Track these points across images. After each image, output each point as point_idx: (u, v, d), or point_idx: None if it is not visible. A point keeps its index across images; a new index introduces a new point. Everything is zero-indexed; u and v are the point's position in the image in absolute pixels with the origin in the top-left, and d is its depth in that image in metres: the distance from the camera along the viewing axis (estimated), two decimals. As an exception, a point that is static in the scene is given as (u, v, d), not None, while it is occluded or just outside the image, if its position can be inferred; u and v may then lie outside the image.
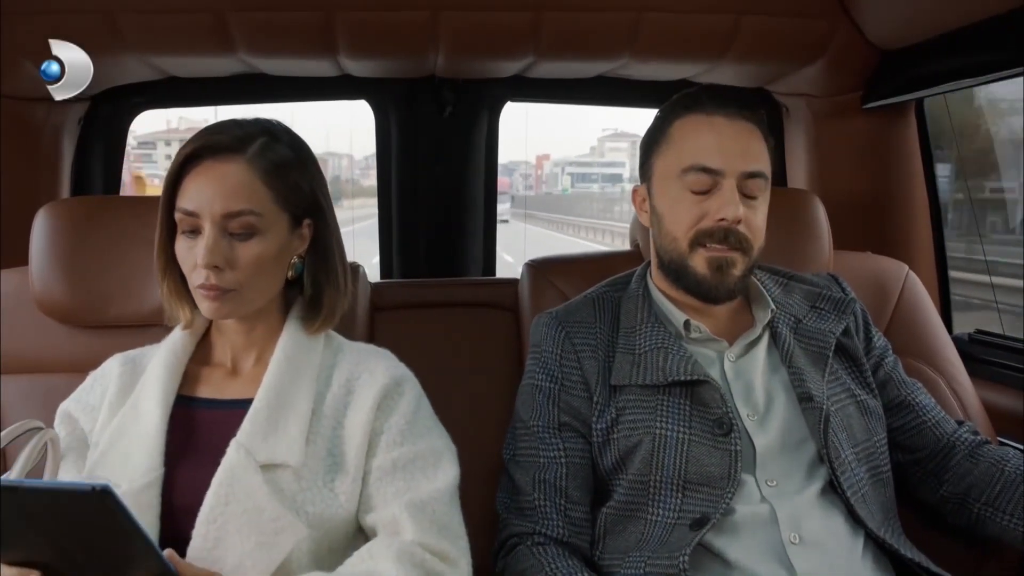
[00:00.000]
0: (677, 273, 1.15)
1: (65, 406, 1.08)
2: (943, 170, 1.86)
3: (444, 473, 1.02)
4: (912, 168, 1.77)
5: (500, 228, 2.02)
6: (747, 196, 1.10)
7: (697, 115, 1.12)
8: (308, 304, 1.08)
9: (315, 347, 1.07)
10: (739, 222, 1.09)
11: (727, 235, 1.09)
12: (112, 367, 1.10)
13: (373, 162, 2.04)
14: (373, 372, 1.05)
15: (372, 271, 1.62)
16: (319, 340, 1.08)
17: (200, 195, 0.99)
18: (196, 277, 1.00)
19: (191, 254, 1.00)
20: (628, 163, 36.11)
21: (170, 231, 1.03)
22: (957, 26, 1.42)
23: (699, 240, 1.11)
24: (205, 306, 1.01)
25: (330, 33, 1.54)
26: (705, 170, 1.09)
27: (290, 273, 1.07)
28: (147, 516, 0.95)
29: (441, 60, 1.67)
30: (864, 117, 1.74)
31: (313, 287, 1.08)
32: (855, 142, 1.77)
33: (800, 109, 1.81)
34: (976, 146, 2.48)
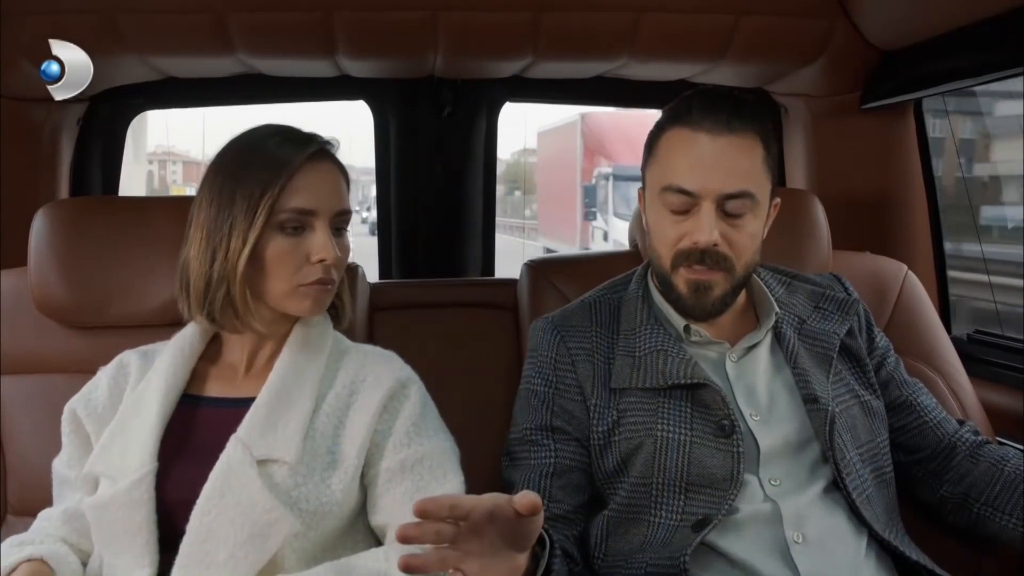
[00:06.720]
0: (664, 286, 1.15)
1: (72, 405, 1.08)
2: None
3: (454, 475, 1.04)
4: (911, 168, 1.77)
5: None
6: (730, 215, 1.07)
7: (682, 129, 1.08)
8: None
9: (321, 348, 1.08)
10: (715, 245, 1.07)
11: (703, 256, 1.08)
12: (131, 360, 1.11)
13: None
14: (379, 375, 1.07)
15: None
16: (326, 342, 1.10)
17: (315, 194, 1.03)
18: (308, 274, 1.03)
19: (298, 251, 1.02)
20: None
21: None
22: (956, 26, 1.42)
23: (678, 261, 1.10)
24: (307, 304, 1.04)
25: (329, 33, 1.53)
26: (681, 191, 1.07)
27: None
28: (140, 512, 0.96)
29: (440, 60, 1.67)
30: (863, 117, 1.74)
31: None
32: (854, 142, 1.76)
33: (799, 109, 1.81)
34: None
